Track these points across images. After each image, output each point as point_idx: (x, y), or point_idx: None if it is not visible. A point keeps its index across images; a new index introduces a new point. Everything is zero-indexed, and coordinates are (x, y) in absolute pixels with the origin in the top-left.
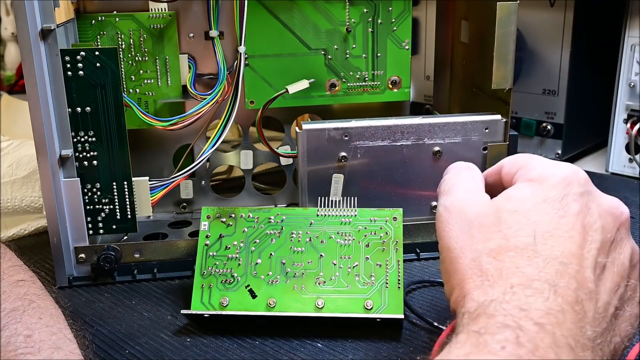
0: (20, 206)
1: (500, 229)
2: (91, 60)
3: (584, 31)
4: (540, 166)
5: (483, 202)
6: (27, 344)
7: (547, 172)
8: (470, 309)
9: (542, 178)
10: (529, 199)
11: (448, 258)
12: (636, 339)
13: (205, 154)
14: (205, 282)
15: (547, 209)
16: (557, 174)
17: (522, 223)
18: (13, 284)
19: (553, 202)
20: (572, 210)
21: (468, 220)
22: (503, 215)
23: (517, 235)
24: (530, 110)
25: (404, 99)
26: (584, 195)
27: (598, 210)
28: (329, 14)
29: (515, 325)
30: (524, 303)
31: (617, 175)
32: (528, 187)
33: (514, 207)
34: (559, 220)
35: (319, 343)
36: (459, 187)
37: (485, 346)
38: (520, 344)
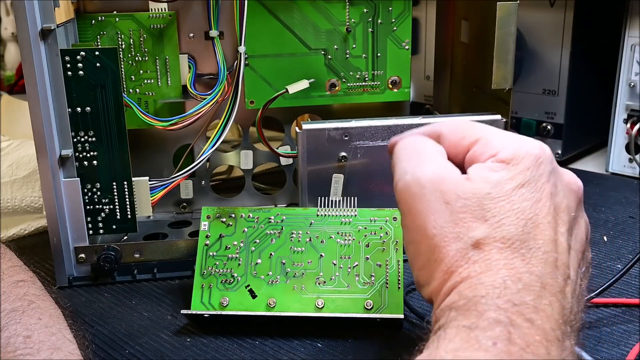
0: (20, 206)
1: (484, 216)
2: (91, 60)
3: (584, 31)
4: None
5: (460, 182)
6: (26, 345)
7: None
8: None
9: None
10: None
11: (426, 244)
12: (635, 339)
13: (205, 154)
14: (205, 282)
15: (527, 194)
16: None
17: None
18: (13, 284)
19: (529, 185)
20: (546, 192)
21: (446, 202)
22: (484, 201)
23: (502, 225)
24: (530, 110)
25: (404, 99)
26: (552, 174)
27: (563, 189)
28: (329, 14)
29: (507, 321)
30: (515, 298)
31: (617, 175)
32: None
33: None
34: (537, 205)
35: (319, 343)
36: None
37: (477, 342)
38: (512, 340)
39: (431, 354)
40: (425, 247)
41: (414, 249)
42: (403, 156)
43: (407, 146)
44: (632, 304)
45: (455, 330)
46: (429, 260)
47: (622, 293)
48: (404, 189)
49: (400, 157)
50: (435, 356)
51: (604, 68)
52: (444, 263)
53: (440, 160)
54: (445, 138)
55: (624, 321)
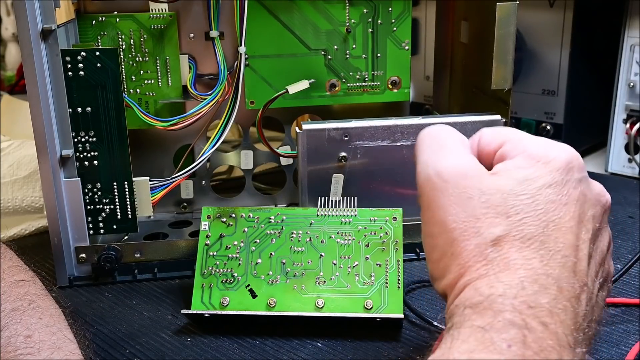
0: (21, 206)
1: (507, 213)
2: (92, 60)
3: (583, 31)
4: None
5: (484, 177)
6: (27, 345)
7: (550, 152)
8: (474, 300)
9: (546, 157)
10: (534, 181)
11: (445, 237)
12: (635, 339)
13: (205, 154)
14: (206, 282)
15: (552, 196)
16: (560, 156)
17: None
18: (13, 284)
19: (557, 187)
20: (573, 197)
21: (469, 196)
22: (509, 198)
23: (524, 224)
24: (530, 110)
25: (404, 99)
26: (582, 182)
27: (591, 198)
28: (329, 15)
29: (523, 323)
30: (531, 300)
31: (617, 175)
32: (531, 166)
33: (519, 189)
34: (562, 209)
35: (319, 343)
36: (449, 147)
37: (491, 343)
38: (526, 344)
39: (444, 354)
40: (443, 240)
41: (431, 242)
42: (426, 146)
43: (431, 136)
44: (632, 304)
45: (470, 330)
46: (446, 254)
47: (622, 293)
48: (426, 181)
49: (424, 147)
50: (449, 356)
51: (603, 68)
52: (461, 257)
53: (464, 153)
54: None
55: (623, 321)
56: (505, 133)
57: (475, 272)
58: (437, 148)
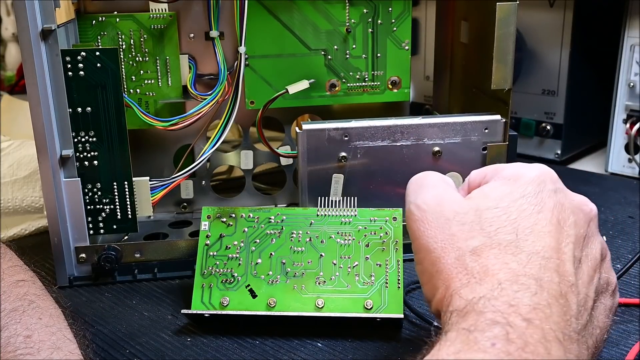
0: (21, 206)
1: (481, 226)
2: (92, 60)
3: (583, 31)
4: (512, 166)
5: (458, 200)
6: (26, 345)
7: (520, 170)
8: (459, 307)
9: (516, 176)
10: (507, 196)
11: (428, 259)
12: (635, 339)
13: (205, 154)
14: (206, 282)
15: (525, 206)
16: (530, 172)
17: (502, 220)
18: (13, 284)
19: (529, 197)
20: (548, 205)
21: (445, 218)
22: (483, 213)
23: (498, 233)
24: (530, 110)
25: (404, 99)
26: (557, 192)
27: (570, 207)
28: (328, 15)
29: (505, 321)
30: (512, 299)
31: (617, 175)
32: (503, 185)
33: (493, 204)
34: (536, 216)
35: (319, 343)
36: (428, 185)
37: (475, 343)
38: (510, 340)
39: (432, 356)
40: (427, 262)
41: (420, 268)
42: (410, 190)
43: (413, 181)
44: (632, 304)
45: (456, 333)
46: (432, 273)
47: (622, 293)
48: (409, 215)
49: (408, 191)
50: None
51: (603, 68)
52: (444, 272)
53: (441, 186)
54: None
55: (623, 321)
56: (489, 167)
57: (458, 282)
58: (417, 187)
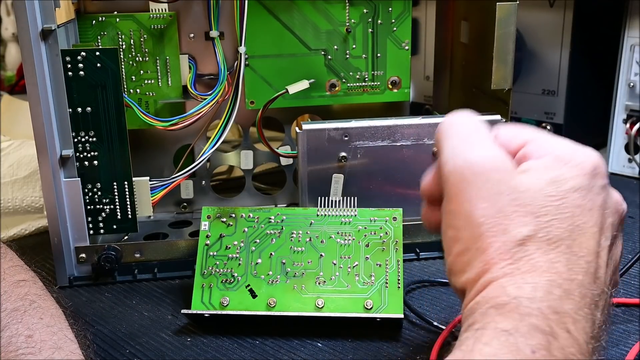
0: (21, 206)
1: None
2: (92, 60)
3: (583, 31)
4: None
5: (514, 173)
6: (28, 344)
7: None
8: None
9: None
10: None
11: (470, 231)
12: (635, 339)
13: (205, 154)
14: (206, 282)
15: (579, 201)
16: (588, 161)
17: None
18: (14, 284)
19: (583, 191)
20: (597, 203)
21: (499, 191)
22: (538, 197)
23: (551, 225)
24: (530, 110)
25: (404, 99)
26: (604, 189)
27: (611, 205)
28: (329, 15)
29: (548, 330)
30: (557, 305)
31: (617, 175)
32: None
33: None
34: (586, 214)
35: (319, 343)
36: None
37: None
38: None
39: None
40: (468, 234)
41: (453, 234)
42: (453, 134)
43: (460, 124)
44: (632, 304)
45: (493, 332)
46: (470, 249)
47: (622, 293)
48: (454, 171)
49: (452, 134)
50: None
51: (603, 68)
52: (486, 253)
53: (493, 145)
54: (500, 137)
55: (623, 321)
56: (527, 133)
57: (501, 270)
58: (466, 137)
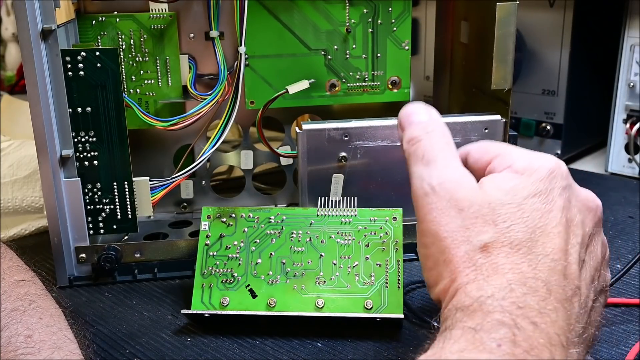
0: (21, 206)
1: (494, 221)
2: (92, 60)
3: (583, 31)
4: (523, 157)
5: (474, 189)
6: (27, 344)
7: (533, 164)
8: (465, 303)
9: (530, 170)
10: (520, 192)
11: (436, 246)
12: (635, 339)
13: (205, 154)
14: (206, 282)
15: (537, 204)
16: (543, 167)
17: (516, 217)
18: (14, 284)
19: (542, 196)
20: (558, 204)
21: (459, 208)
22: (496, 207)
23: (511, 231)
24: (530, 110)
25: (404, 99)
26: (566, 189)
27: (577, 205)
28: (328, 15)
29: (512, 323)
30: (520, 301)
31: (617, 175)
32: (516, 179)
33: (507, 200)
34: (547, 216)
35: (319, 343)
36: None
37: (481, 343)
38: (516, 342)
39: (436, 354)
40: (435, 249)
41: (425, 252)
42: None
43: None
44: (632, 304)
45: (461, 331)
46: (438, 262)
47: (622, 293)
48: (422, 196)
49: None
50: (441, 356)
51: (603, 68)
52: (452, 264)
53: (456, 165)
54: (471, 155)
55: (623, 321)
56: (494, 149)
57: (465, 277)
58: (431, 160)
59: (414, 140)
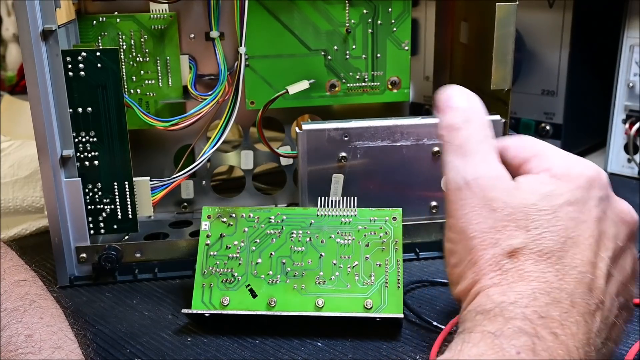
0: (21, 206)
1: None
2: (92, 60)
3: (582, 32)
4: (563, 161)
5: (509, 189)
6: (28, 344)
7: (573, 170)
8: (486, 307)
9: (568, 176)
10: (556, 198)
11: (464, 244)
12: (635, 338)
13: (206, 154)
14: (206, 282)
15: (572, 214)
16: (583, 174)
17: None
18: (14, 283)
19: (577, 205)
20: (593, 215)
21: (492, 208)
22: (530, 212)
23: (542, 238)
24: (529, 110)
25: (404, 100)
26: (604, 200)
27: (612, 217)
28: (328, 15)
29: (533, 332)
30: (543, 310)
31: (616, 175)
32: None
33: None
34: (581, 226)
35: (319, 342)
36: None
37: (501, 349)
38: (535, 352)
39: (454, 356)
40: (462, 247)
41: (451, 247)
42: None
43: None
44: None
45: (480, 335)
46: (463, 260)
47: None
48: (455, 189)
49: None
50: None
51: (602, 69)
52: (477, 265)
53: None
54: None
55: None
56: (531, 147)
57: (489, 280)
58: (468, 152)
59: (451, 127)
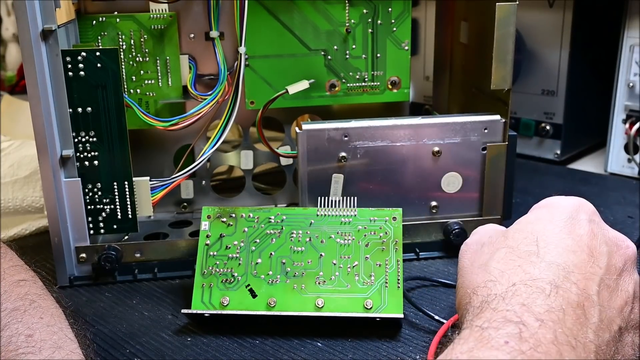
0: (21, 206)
1: (506, 242)
2: (92, 60)
3: (582, 32)
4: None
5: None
6: (28, 344)
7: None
8: (475, 305)
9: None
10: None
11: (461, 274)
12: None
13: (205, 154)
14: (206, 282)
15: (551, 227)
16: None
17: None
18: (14, 283)
19: (558, 222)
20: (579, 231)
21: (481, 243)
22: (509, 233)
23: (521, 246)
24: (529, 110)
25: (404, 100)
26: (591, 223)
27: (604, 238)
28: (328, 15)
29: (518, 320)
30: (525, 299)
31: (616, 175)
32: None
33: (521, 227)
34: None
35: (319, 342)
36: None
37: (488, 340)
38: (523, 339)
39: (447, 355)
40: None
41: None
42: None
43: None
44: None
45: (469, 330)
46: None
47: None
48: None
49: None
50: (451, 356)
51: (602, 68)
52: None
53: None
54: None
55: None
56: None
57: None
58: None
59: None
